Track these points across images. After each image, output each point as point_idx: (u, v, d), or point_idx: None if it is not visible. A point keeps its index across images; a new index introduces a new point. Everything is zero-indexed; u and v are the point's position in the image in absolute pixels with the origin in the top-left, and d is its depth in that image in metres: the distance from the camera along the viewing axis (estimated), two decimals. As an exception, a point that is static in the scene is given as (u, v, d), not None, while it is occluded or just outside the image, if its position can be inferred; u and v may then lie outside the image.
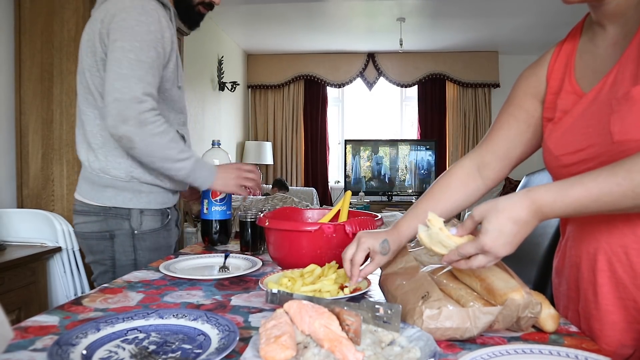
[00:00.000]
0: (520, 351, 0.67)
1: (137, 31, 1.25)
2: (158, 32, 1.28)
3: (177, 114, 1.47)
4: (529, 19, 4.99)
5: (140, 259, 1.39)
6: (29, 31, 2.52)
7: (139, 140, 1.24)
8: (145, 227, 1.39)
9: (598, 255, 0.81)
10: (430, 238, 0.77)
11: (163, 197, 1.43)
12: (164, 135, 1.28)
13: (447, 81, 6.53)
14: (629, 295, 0.78)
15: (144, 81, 1.25)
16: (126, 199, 1.37)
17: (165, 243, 1.46)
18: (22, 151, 2.54)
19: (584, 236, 0.85)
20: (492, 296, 0.76)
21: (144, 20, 1.26)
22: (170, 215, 1.48)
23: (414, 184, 6.44)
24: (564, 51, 0.90)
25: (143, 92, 1.24)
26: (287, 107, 6.66)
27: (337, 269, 1.02)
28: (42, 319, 0.82)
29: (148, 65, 1.26)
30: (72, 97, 2.50)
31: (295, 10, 4.84)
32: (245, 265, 1.24)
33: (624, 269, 0.78)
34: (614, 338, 0.80)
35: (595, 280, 0.82)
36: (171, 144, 1.29)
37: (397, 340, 0.69)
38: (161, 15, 1.31)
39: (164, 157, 1.29)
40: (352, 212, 1.32)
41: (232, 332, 0.72)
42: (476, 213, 0.72)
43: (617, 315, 0.80)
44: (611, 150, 0.75)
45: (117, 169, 1.36)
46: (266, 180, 6.64)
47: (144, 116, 1.24)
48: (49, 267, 2.33)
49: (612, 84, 0.78)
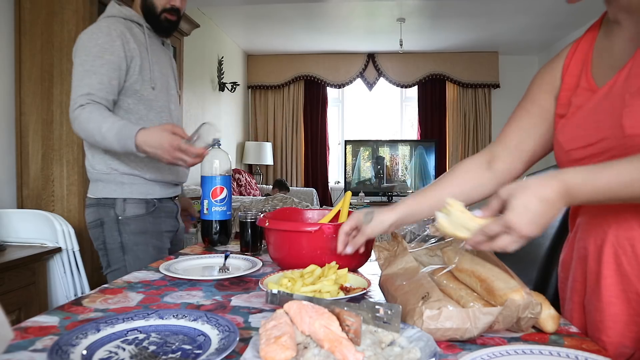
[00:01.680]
0: (520, 352, 0.67)
1: (86, 46, 1.47)
2: (106, 43, 1.47)
3: (157, 113, 1.59)
4: (529, 19, 5.00)
5: (127, 241, 1.54)
6: (29, 31, 2.52)
7: (79, 131, 1.44)
8: (129, 214, 1.54)
9: (605, 247, 0.81)
10: (451, 223, 0.74)
11: (146, 188, 1.56)
12: (85, 116, 1.42)
13: (447, 81, 6.53)
14: (633, 288, 0.78)
15: (82, 84, 1.44)
16: (111, 190, 1.55)
17: (153, 228, 1.57)
18: (22, 151, 2.54)
19: (592, 228, 0.85)
20: (492, 296, 0.76)
21: (94, 36, 1.48)
22: (156, 204, 1.59)
23: (414, 184, 6.44)
24: (581, 48, 0.90)
25: (78, 94, 1.44)
26: (287, 107, 6.67)
27: (337, 269, 1.02)
28: (42, 320, 0.82)
29: (92, 72, 1.45)
30: (72, 98, 2.50)
31: (295, 11, 4.84)
32: (245, 266, 1.24)
33: (629, 261, 0.78)
34: (615, 330, 0.80)
35: (600, 272, 0.82)
36: (93, 124, 1.41)
37: (397, 340, 0.69)
38: (113, 29, 1.49)
39: (92, 135, 1.42)
40: (352, 212, 1.31)
41: (232, 332, 0.72)
42: (503, 191, 0.71)
43: (619, 307, 0.80)
44: (622, 145, 0.75)
45: (100, 164, 1.55)
46: (266, 181, 6.64)
47: (74, 114, 1.44)
48: (49, 267, 2.33)
49: (626, 78, 0.78)
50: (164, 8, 1.56)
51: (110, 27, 1.49)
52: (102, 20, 1.54)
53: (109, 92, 1.48)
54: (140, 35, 1.58)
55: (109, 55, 1.47)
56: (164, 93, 1.61)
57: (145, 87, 1.55)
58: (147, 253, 1.55)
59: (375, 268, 1.18)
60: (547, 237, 1.37)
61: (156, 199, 1.59)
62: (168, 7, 1.56)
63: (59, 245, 2.30)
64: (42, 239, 2.32)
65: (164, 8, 1.56)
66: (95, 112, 1.43)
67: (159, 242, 1.61)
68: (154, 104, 1.58)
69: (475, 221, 0.72)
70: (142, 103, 1.56)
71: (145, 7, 1.57)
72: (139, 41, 1.56)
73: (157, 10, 1.56)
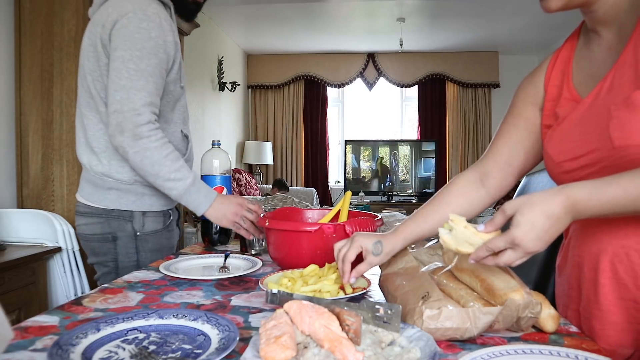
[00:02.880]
0: (520, 351, 0.67)
1: (138, 39, 1.23)
2: (159, 38, 1.26)
3: (180, 113, 1.45)
4: (529, 19, 4.99)
5: (143, 260, 1.38)
6: (29, 31, 2.52)
7: (132, 153, 1.24)
8: (148, 229, 1.39)
9: (601, 255, 0.82)
10: (455, 238, 0.74)
11: (165, 199, 1.41)
12: (158, 150, 1.25)
13: (447, 81, 6.53)
14: (630, 296, 0.79)
15: (144, 91, 1.24)
16: (129, 202, 1.36)
17: (167, 244, 1.45)
18: (22, 151, 2.54)
19: (587, 237, 0.85)
20: (492, 296, 0.76)
21: (144, 26, 1.24)
22: (172, 216, 1.47)
23: (413, 184, 6.44)
24: (561, 58, 0.91)
25: (141, 103, 1.23)
26: (287, 107, 6.66)
27: (337, 269, 1.02)
28: (42, 319, 0.82)
29: (148, 74, 1.24)
30: (72, 97, 2.50)
31: (295, 10, 4.84)
32: (245, 266, 1.24)
33: (625, 270, 0.79)
34: (614, 338, 0.80)
35: (597, 281, 0.82)
36: (164, 161, 1.25)
37: (397, 340, 0.69)
38: (162, 19, 1.28)
39: (155, 173, 1.26)
40: (352, 212, 1.32)
41: (232, 332, 0.72)
42: (508, 207, 0.70)
43: (618, 315, 0.80)
44: (612, 156, 0.75)
45: (120, 173, 1.35)
46: (266, 181, 6.64)
47: (140, 129, 1.23)
48: (49, 267, 2.33)
49: (609, 88, 0.78)
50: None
51: (160, 16, 1.28)
52: (144, 1, 1.27)
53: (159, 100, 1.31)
54: (173, 24, 1.36)
55: (163, 53, 1.28)
56: (184, 91, 1.46)
57: (175, 87, 1.39)
58: None
59: (375, 268, 1.18)
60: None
61: (170, 209, 1.46)
62: None
63: (59, 245, 2.30)
64: (42, 239, 2.32)
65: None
66: (167, 147, 1.27)
67: None
68: (178, 103, 1.43)
69: (478, 236, 0.72)
70: (168, 102, 1.39)
71: None
72: (175, 33, 1.35)
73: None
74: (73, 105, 2.50)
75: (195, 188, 1.29)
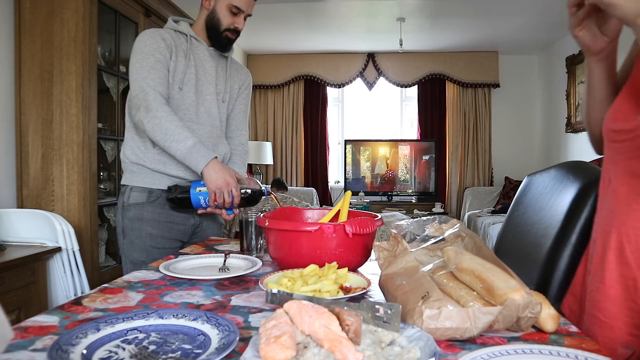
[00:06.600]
0: (520, 351, 0.67)
1: (137, 48, 1.62)
2: (153, 44, 1.61)
3: (183, 112, 1.66)
4: (529, 19, 5.00)
5: (125, 226, 1.67)
6: (29, 31, 2.52)
7: (146, 123, 1.54)
8: (132, 201, 1.66)
9: (612, 234, 0.87)
10: None
11: (151, 178, 1.66)
12: (165, 119, 1.53)
13: (447, 81, 6.52)
14: (631, 274, 0.84)
15: (148, 78, 1.57)
16: (125, 178, 1.70)
17: (150, 217, 1.66)
18: (22, 151, 2.54)
19: (605, 214, 0.91)
20: (492, 296, 0.76)
21: (141, 39, 1.63)
22: (160, 195, 1.66)
23: (413, 184, 6.44)
24: None
25: (148, 85, 1.55)
26: (287, 107, 6.66)
27: (336, 269, 1.02)
28: (42, 319, 0.82)
29: (149, 67, 1.58)
30: (72, 97, 2.50)
31: (295, 10, 4.84)
32: (246, 265, 1.24)
33: (631, 249, 0.84)
34: (611, 311, 0.86)
35: (605, 256, 0.87)
36: (170, 127, 1.53)
37: (397, 340, 0.69)
38: (157, 34, 1.64)
39: (163, 137, 1.53)
40: (352, 212, 1.32)
41: (232, 332, 0.72)
42: None
43: (617, 290, 0.86)
44: None
45: (123, 154, 1.70)
46: (266, 181, 6.64)
47: (149, 103, 1.54)
48: (49, 267, 2.33)
49: None
50: (227, 27, 1.70)
51: (155, 33, 1.65)
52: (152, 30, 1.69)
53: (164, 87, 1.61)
54: (180, 41, 1.70)
55: (158, 54, 1.61)
56: (192, 93, 1.68)
57: (172, 89, 1.65)
58: (140, 239, 1.65)
59: (375, 268, 1.18)
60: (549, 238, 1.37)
61: (161, 190, 1.66)
62: (232, 27, 1.70)
63: (59, 245, 2.30)
64: (42, 239, 2.32)
65: (228, 28, 1.70)
66: (174, 118, 1.55)
67: (155, 230, 1.65)
68: (180, 103, 1.66)
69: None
70: (170, 103, 1.64)
71: (211, 23, 1.70)
72: (177, 45, 1.68)
73: (221, 29, 1.69)
74: (73, 105, 2.50)
75: (195, 149, 1.53)
